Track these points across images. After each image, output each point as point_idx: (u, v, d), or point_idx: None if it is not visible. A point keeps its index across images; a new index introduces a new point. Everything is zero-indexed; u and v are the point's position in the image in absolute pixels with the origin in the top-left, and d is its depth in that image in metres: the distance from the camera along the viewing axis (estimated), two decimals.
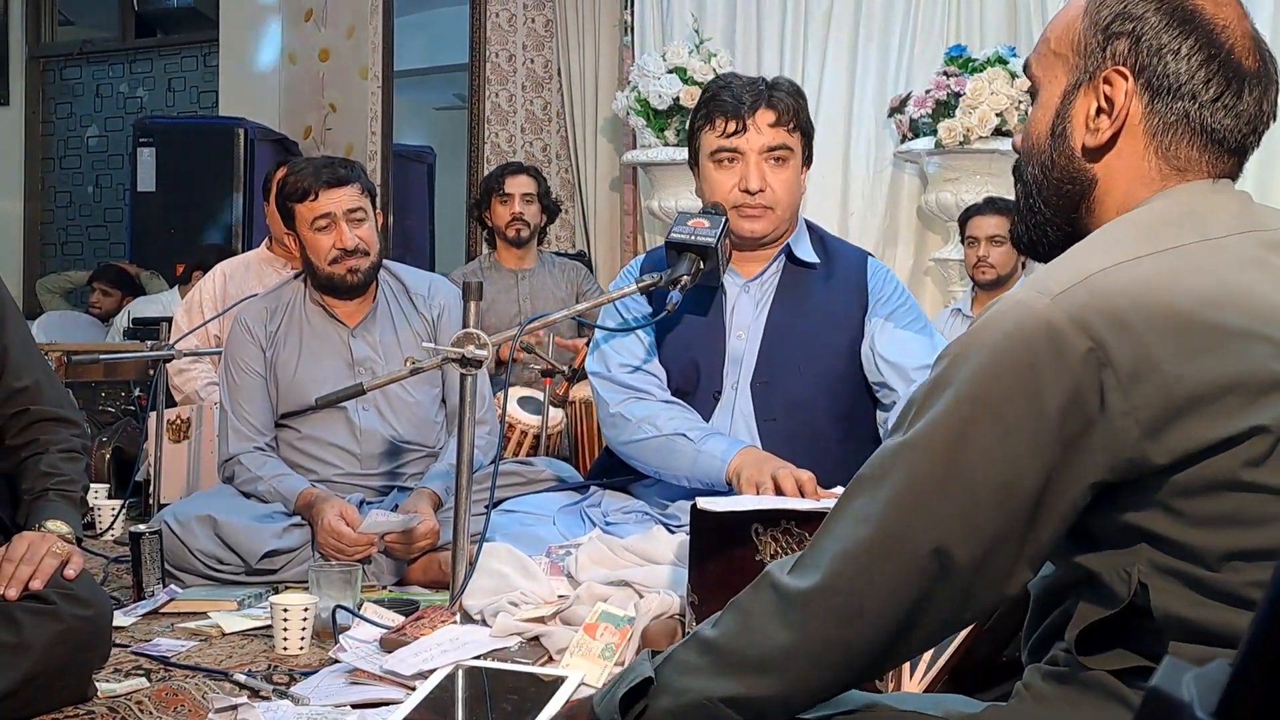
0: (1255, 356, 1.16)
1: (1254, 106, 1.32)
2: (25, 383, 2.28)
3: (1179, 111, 1.31)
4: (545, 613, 2.33)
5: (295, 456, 3.26)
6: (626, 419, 2.87)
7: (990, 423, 1.18)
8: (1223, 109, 1.31)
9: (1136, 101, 1.32)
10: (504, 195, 4.91)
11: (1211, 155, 1.32)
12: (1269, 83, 1.33)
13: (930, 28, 5.61)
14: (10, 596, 1.98)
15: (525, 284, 4.93)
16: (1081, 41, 1.36)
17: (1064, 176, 1.38)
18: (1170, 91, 1.31)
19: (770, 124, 2.83)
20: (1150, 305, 1.17)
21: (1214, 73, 1.30)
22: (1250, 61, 1.31)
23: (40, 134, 8.86)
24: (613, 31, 6.44)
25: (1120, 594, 1.19)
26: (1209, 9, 1.31)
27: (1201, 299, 1.18)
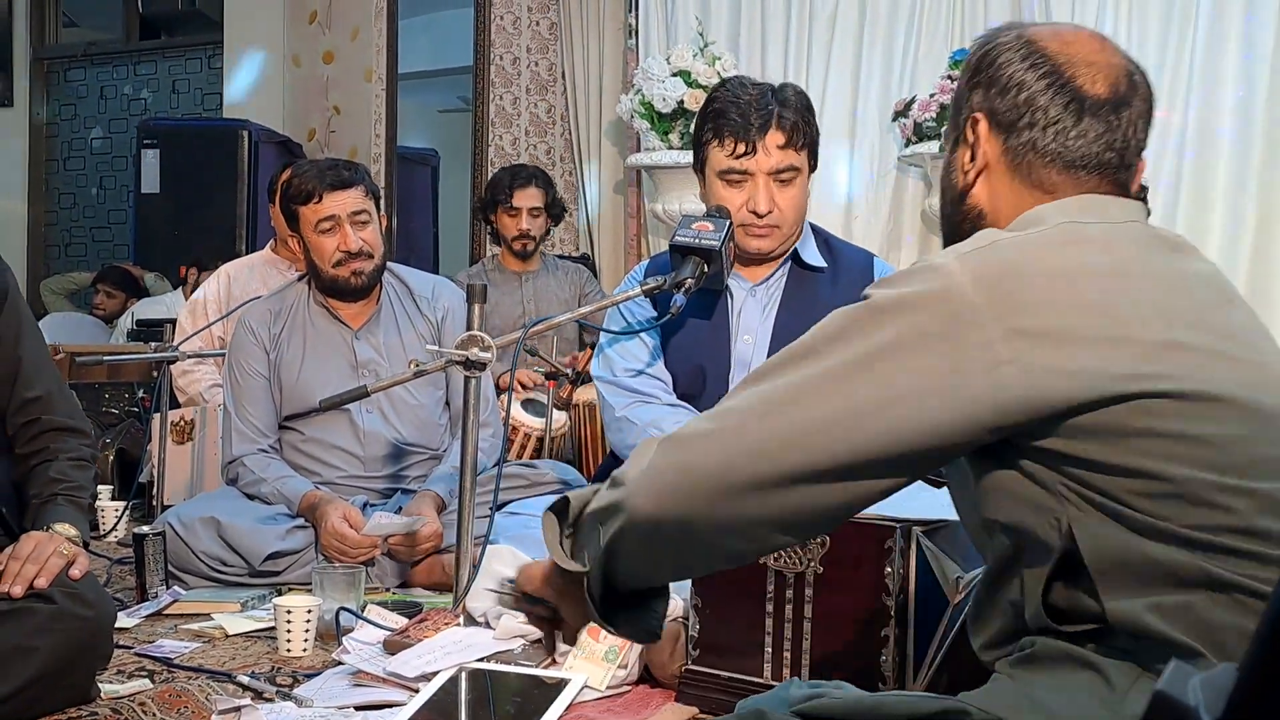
0: (1139, 319, 1.25)
1: (1101, 126, 1.42)
2: (37, 393, 2.29)
3: (1028, 141, 1.44)
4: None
5: (299, 459, 3.26)
6: (632, 423, 2.87)
7: (897, 361, 1.26)
8: (1069, 134, 1.42)
9: (994, 140, 1.46)
10: (511, 209, 4.88)
11: (1073, 176, 1.43)
12: (1123, 105, 1.44)
13: (934, 31, 5.61)
14: (15, 594, 1.98)
15: (529, 286, 4.93)
16: (957, 98, 1.53)
17: (959, 216, 1.52)
18: (1017, 125, 1.44)
19: (779, 145, 2.81)
20: (1042, 262, 1.28)
21: (1053, 103, 1.42)
22: (1098, 89, 1.42)
23: (44, 135, 8.87)
24: (617, 34, 6.44)
25: (1053, 544, 1.25)
26: (1053, 47, 1.44)
27: (1092, 261, 1.29)
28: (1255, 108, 4.96)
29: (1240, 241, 4.95)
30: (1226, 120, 5.00)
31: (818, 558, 1.95)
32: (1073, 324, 1.24)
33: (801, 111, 2.86)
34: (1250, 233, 4.95)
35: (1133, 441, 1.22)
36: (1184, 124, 5.06)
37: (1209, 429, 1.22)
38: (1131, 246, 1.36)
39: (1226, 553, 1.20)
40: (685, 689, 2.08)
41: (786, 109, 2.83)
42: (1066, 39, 1.46)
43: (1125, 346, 1.24)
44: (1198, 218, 5.01)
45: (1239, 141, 4.99)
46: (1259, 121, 4.95)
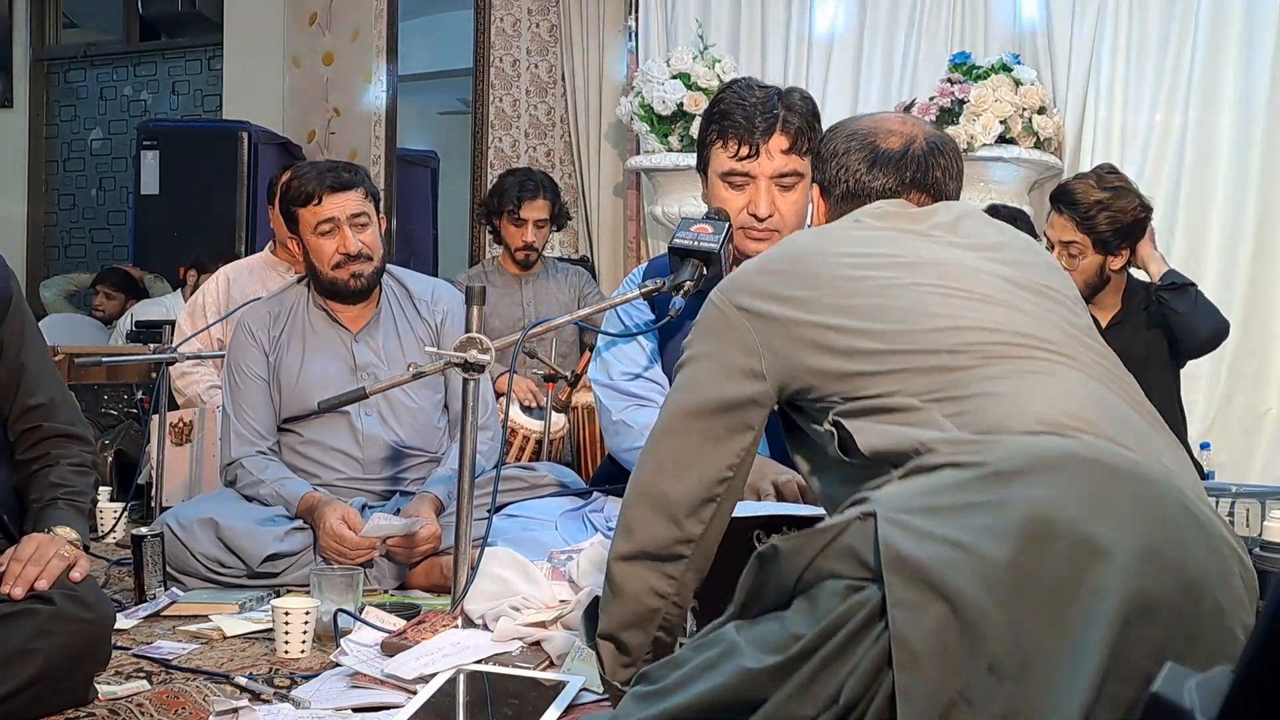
0: (832, 285, 1.69)
1: (891, 169, 1.94)
2: (40, 400, 2.29)
3: (842, 192, 1.97)
4: (547, 617, 2.33)
5: (297, 460, 3.26)
6: (629, 426, 2.86)
7: (698, 369, 1.74)
8: (863, 176, 1.95)
9: (822, 201, 2.03)
10: (518, 219, 4.86)
11: (865, 203, 1.93)
12: (908, 159, 1.94)
13: (934, 34, 5.62)
14: (16, 595, 1.98)
15: (529, 289, 4.93)
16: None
17: None
18: (837, 182, 1.98)
19: (783, 150, 2.79)
20: (759, 266, 1.79)
21: (858, 159, 1.95)
22: (891, 144, 1.95)
23: (44, 136, 8.87)
24: (617, 37, 6.45)
25: (833, 447, 1.62)
26: (865, 125, 2.00)
27: (784, 255, 1.79)
28: (1255, 108, 4.97)
29: (1240, 241, 4.97)
30: (1226, 120, 5.01)
31: None
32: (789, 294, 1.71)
33: (807, 117, 2.83)
34: (1250, 232, 4.97)
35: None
36: (1184, 125, 5.07)
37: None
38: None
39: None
40: None
41: (792, 113, 2.81)
42: (878, 119, 2.03)
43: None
44: (1197, 217, 5.02)
45: (1238, 142, 5.00)
46: (1259, 122, 4.97)
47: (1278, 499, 2.82)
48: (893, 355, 1.59)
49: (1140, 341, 3.56)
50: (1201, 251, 5.00)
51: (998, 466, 1.38)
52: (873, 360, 1.60)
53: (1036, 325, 1.62)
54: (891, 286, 1.67)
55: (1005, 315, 1.62)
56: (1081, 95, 5.25)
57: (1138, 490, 1.36)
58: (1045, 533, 1.29)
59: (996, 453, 1.41)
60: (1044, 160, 5.13)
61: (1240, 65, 5.00)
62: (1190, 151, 5.05)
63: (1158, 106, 5.13)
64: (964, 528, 1.31)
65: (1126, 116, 5.16)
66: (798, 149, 2.81)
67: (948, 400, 1.53)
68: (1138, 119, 5.16)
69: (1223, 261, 4.99)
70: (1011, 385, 1.52)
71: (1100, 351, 1.66)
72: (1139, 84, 5.16)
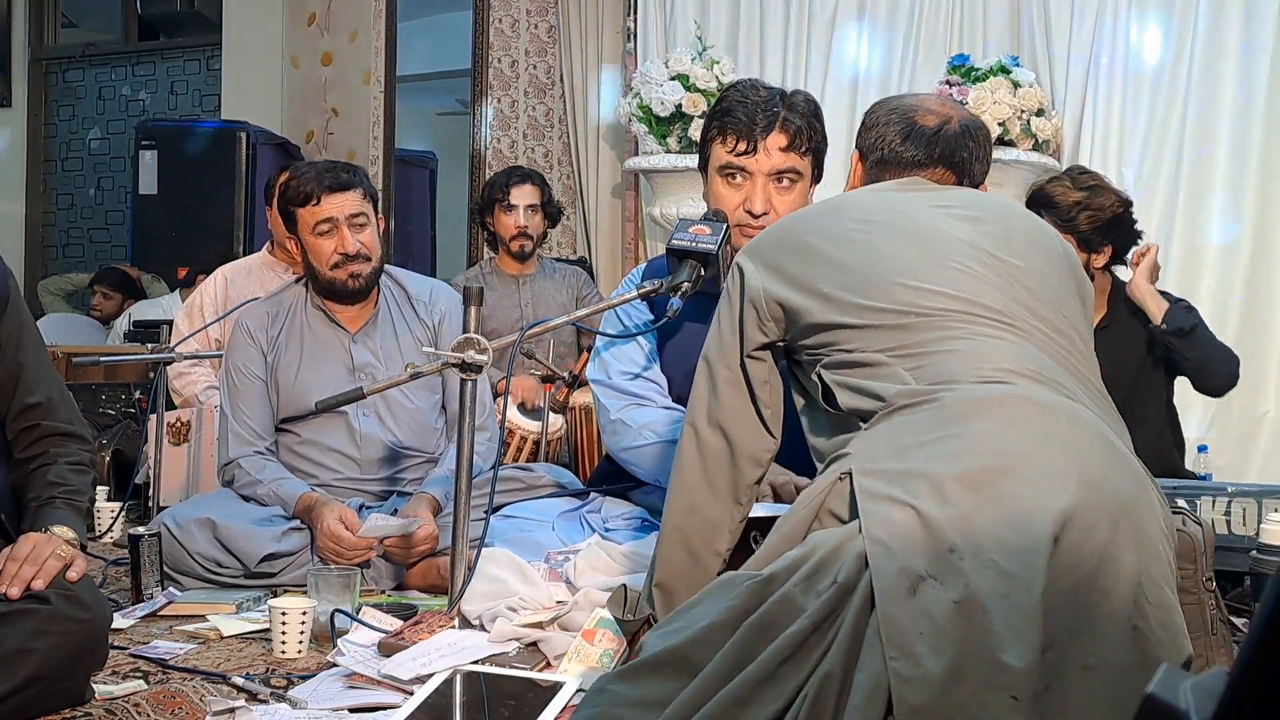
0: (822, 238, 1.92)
1: (923, 142, 2.11)
2: (38, 399, 2.29)
3: (877, 159, 2.16)
4: (543, 618, 2.33)
5: (295, 461, 3.26)
6: (627, 425, 2.87)
7: (714, 324, 2.00)
8: (897, 146, 2.13)
9: (859, 166, 2.21)
10: (508, 205, 4.87)
11: (900, 171, 2.13)
12: (940, 135, 2.11)
13: (933, 37, 5.62)
14: (12, 595, 1.98)
15: (526, 289, 4.93)
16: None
17: None
18: (874, 149, 2.16)
19: (781, 148, 2.80)
20: (772, 233, 2.03)
21: (895, 131, 2.13)
22: (926, 121, 2.12)
23: (42, 136, 8.87)
24: (615, 38, 6.45)
25: (824, 399, 1.84)
26: (909, 102, 2.18)
27: (799, 222, 2.01)
28: (1254, 110, 4.97)
29: (1239, 242, 4.97)
30: (1225, 122, 5.01)
31: None
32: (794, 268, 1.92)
33: (808, 117, 2.84)
34: (1248, 235, 4.97)
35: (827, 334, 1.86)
36: (1183, 124, 5.07)
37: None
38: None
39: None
40: None
41: (793, 113, 2.81)
42: (920, 98, 2.20)
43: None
44: (1196, 216, 5.02)
45: (1237, 141, 5.00)
46: (1258, 122, 4.97)
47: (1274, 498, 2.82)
48: (870, 311, 1.80)
49: (1131, 348, 3.55)
50: (1199, 254, 5.00)
51: (953, 409, 1.60)
52: (854, 313, 1.82)
53: (1001, 301, 1.80)
54: (880, 248, 1.87)
55: (975, 287, 1.81)
56: (1080, 98, 5.25)
57: (1070, 424, 1.60)
58: (997, 458, 1.52)
59: (949, 397, 1.62)
60: (1042, 162, 5.13)
61: (1239, 67, 5.00)
62: (1188, 154, 5.05)
63: (1156, 109, 5.13)
64: (928, 457, 1.54)
65: (1125, 119, 5.17)
66: (796, 148, 2.81)
67: (909, 356, 1.74)
68: (1136, 121, 5.16)
69: (1220, 264, 4.99)
70: (965, 345, 1.73)
71: (1061, 332, 1.83)
72: (1137, 86, 5.17)
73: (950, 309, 1.78)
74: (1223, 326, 4.78)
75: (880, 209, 1.96)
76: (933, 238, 1.88)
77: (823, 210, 2.01)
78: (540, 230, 4.99)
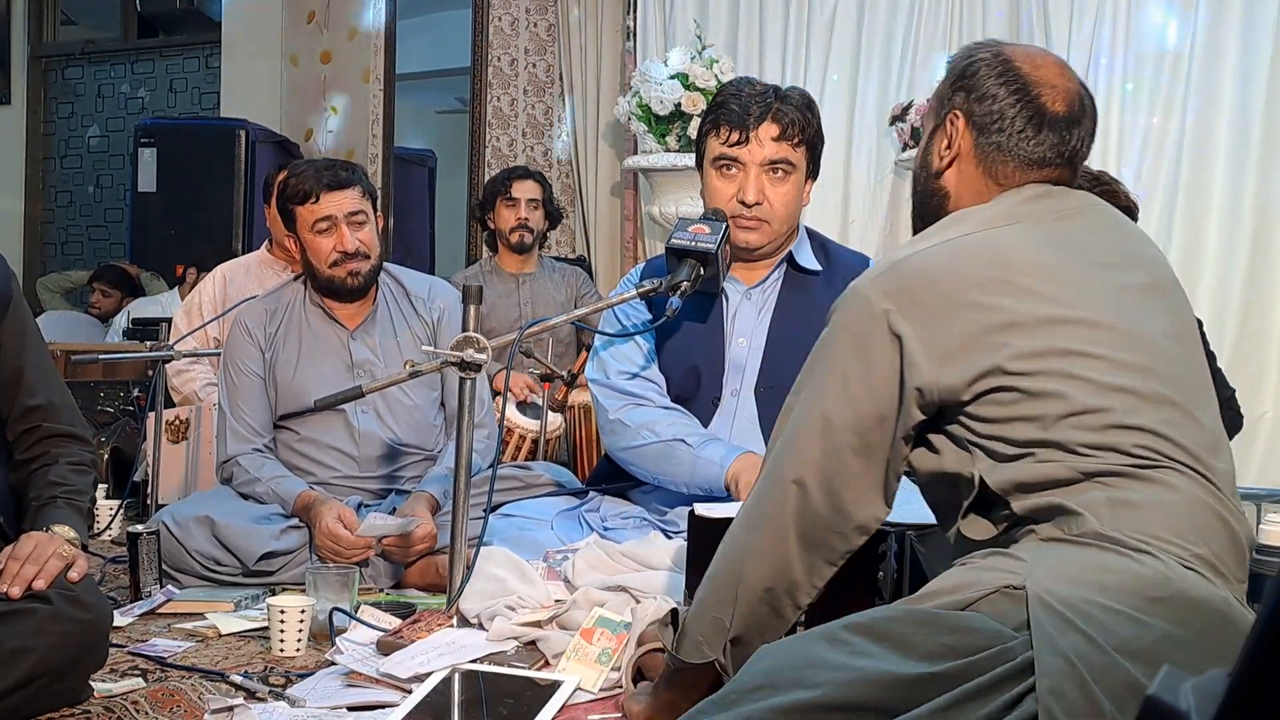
0: (1002, 309, 1.62)
1: (1055, 138, 1.80)
2: (39, 401, 2.29)
3: (995, 143, 1.81)
4: (542, 617, 2.33)
5: (293, 458, 3.26)
6: (625, 425, 2.87)
7: (838, 376, 1.67)
8: (1028, 140, 1.80)
9: (968, 135, 1.83)
10: (510, 199, 4.90)
11: (1024, 172, 1.81)
12: (1073, 123, 1.81)
13: (932, 36, 5.61)
14: (13, 595, 1.98)
15: (526, 288, 4.93)
16: (940, 95, 1.91)
17: (927, 194, 1.91)
18: (990, 128, 1.81)
19: (773, 138, 2.82)
20: (931, 278, 1.66)
21: (1020, 113, 1.80)
22: (1057, 106, 1.80)
23: (41, 133, 8.86)
24: (615, 36, 6.44)
25: (973, 484, 1.63)
26: (1025, 68, 1.82)
27: (966, 273, 1.65)
28: (1253, 111, 4.97)
29: (1237, 245, 4.96)
30: (1224, 124, 5.01)
31: None
32: (954, 322, 1.63)
33: (802, 110, 2.86)
34: (1247, 235, 4.96)
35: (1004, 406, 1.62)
36: (1182, 125, 5.07)
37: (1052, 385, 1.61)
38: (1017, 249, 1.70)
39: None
40: None
41: (786, 104, 2.85)
42: (1038, 63, 1.83)
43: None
44: (1195, 218, 5.01)
45: (1236, 145, 4.99)
46: (1257, 122, 4.96)
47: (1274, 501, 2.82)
48: (1063, 424, 1.58)
49: None
50: (1198, 255, 5.00)
51: (1146, 588, 1.44)
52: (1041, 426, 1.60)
53: (1191, 434, 1.62)
54: (1067, 353, 1.62)
55: (1174, 421, 1.61)
56: None
57: (1225, 625, 1.45)
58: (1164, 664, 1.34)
59: (1147, 570, 1.47)
60: None
61: (1238, 68, 5.00)
62: (1187, 155, 5.05)
63: (1155, 109, 5.12)
64: (1109, 633, 1.36)
65: (1124, 119, 5.16)
66: (789, 138, 2.83)
67: (1106, 487, 1.56)
68: (1135, 121, 5.15)
69: (1219, 265, 4.99)
70: (1167, 498, 1.56)
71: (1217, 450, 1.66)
72: (1137, 86, 5.16)
73: (1140, 445, 1.58)
74: (1221, 328, 4.79)
75: (1055, 276, 1.67)
76: (1134, 340, 1.65)
77: (982, 261, 1.68)
78: (541, 226, 5.00)
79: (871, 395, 1.65)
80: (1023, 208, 1.76)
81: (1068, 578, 1.44)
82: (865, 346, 1.65)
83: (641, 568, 2.42)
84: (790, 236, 2.95)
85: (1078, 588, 1.42)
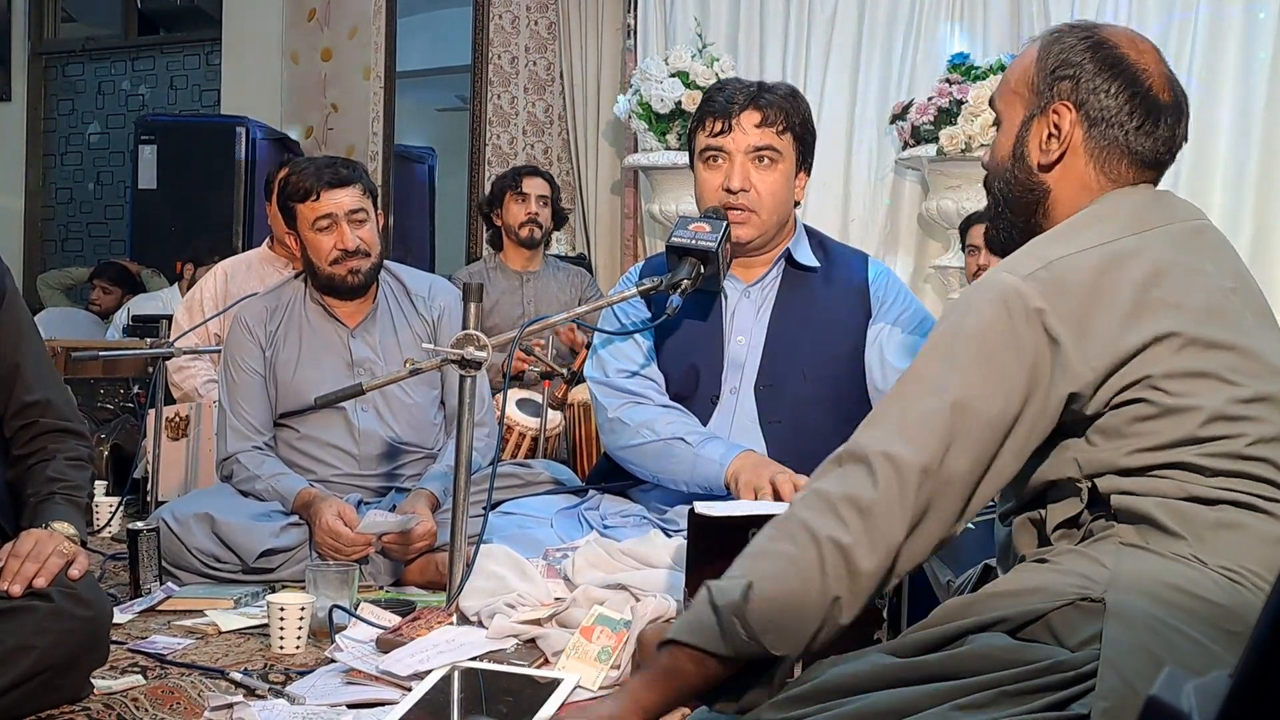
0: (1164, 320, 1.56)
1: (1168, 132, 1.75)
2: (36, 397, 2.29)
3: (1110, 137, 1.72)
4: (542, 615, 2.33)
5: (294, 456, 3.26)
6: (625, 423, 2.86)
7: (984, 366, 1.54)
8: (1144, 134, 1.73)
9: (1079, 128, 1.74)
10: (521, 194, 4.93)
11: (1136, 170, 1.75)
12: (1180, 113, 1.76)
13: (933, 34, 5.62)
14: (14, 593, 1.98)
15: (530, 286, 4.94)
16: (1035, 82, 1.78)
17: (1024, 187, 1.80)
18: (1104, 121, 1.72)
19: (756, 124, 2.83)
20: (1088, 285, 1.57)
21: (1136, 106, 1.72)
22: (1165, 96, 1.74)
23: (42, 130, 8.86)
24: (615, 35, 6.45)
25: (1079, 504, 1.60)
26: (1132, 55, 1.74)
27: (1121, 283, 1.58)
28: (1253, 110, 4.97)
29: (1238, 242, 4.95)
30: (1224, 123, 5.01)
31: None
32: (1112, 330, 1.55)
33: (786, 98, 2.87)
34: (1247, 234, 4.97)
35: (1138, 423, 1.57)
36: None
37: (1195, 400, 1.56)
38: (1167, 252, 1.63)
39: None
40: None
41: (769, 94, 2.87)
42: (1140, 48, 1.76)
43: None
44: None
45: (1236, 145, 4.99)
46: (1257, 121, 4.96)
47: None
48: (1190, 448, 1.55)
49: None
50: None
51: (1225, 619, 1.42)
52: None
53: None
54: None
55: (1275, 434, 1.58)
56: None
57: None
58: None
59: (1230, 600, 1.45)
60: None
61: (1238, 67, 5.00)
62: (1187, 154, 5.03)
63: None
64: (1178, 662, 1.32)
65: None
66: (771, 124, 2.83)
67: (1213, 507, 1.53)
68: None
69: None
70: (1261, 526, 1.53)
71: None
72: None
73: (1276, 483, 1.56)
74: None
75: (1198, 295, 1.62)
76: (1264, 368, 1.62)
77: (1136, 273, 1.60)
78: (549, 223, 5.01)
79: (1010, 392, 1.54)
80: (1150, 214, 1.69)
81: (1152, 595, 1.41)
82: (1015, 342, 1.54)
83: (641, 566, 2.41)
84: (786, 232, 2.94)
85: (1161, 608, 1.39)
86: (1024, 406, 1.54)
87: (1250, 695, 0.64)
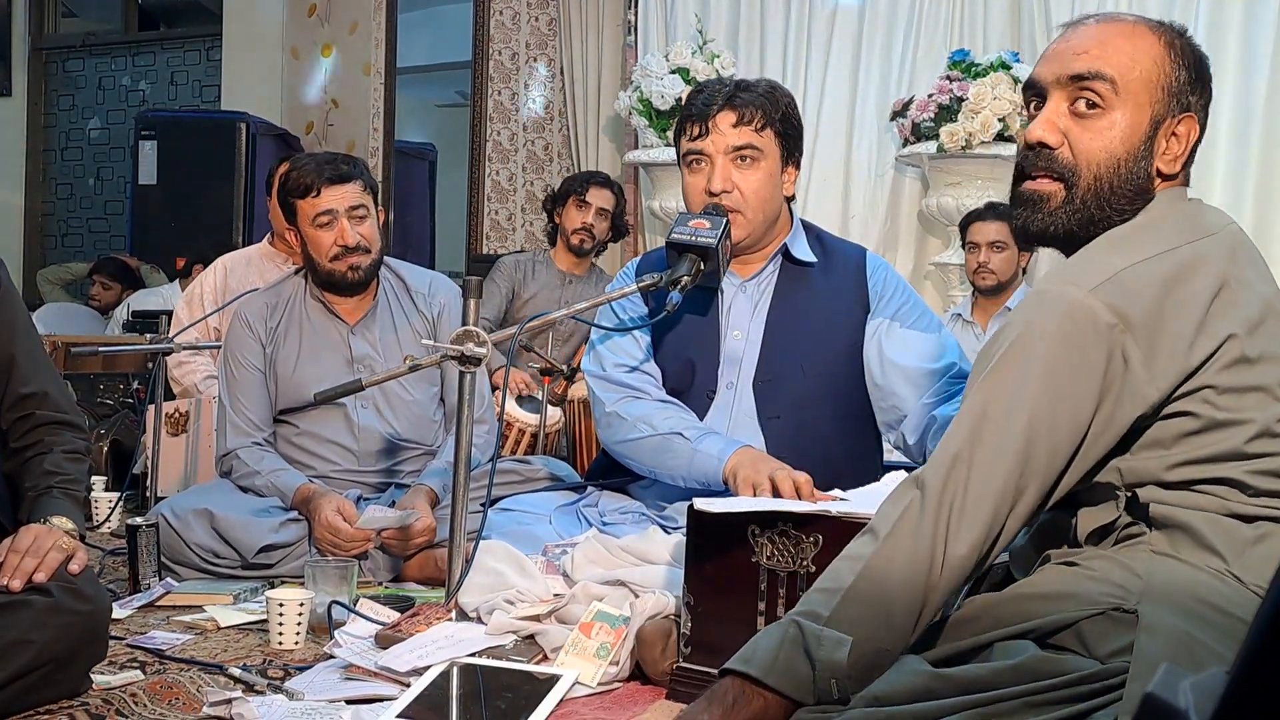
0: (1225, 332, 1.55)
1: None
2: (32, 389, 2.29)
3: (1196, 151, 1.74)
4: (541, 611, 2.33)
5: (293, 452, 3.26)
6: (622, 418, 2.86)
7: (1050, 383, 1.52)
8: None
9: (1192, 141, 1.72)
10: (583, 201, 4.95)
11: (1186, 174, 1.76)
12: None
13: (933, 31, 5.61)
14: (14, 588, 1.98)
15: (571, 289, 4.96)
16: (1171, 84, 1.72)
17: (1136, 190, 1.71)
18: (1201, 137, 1.73)
19: (733, 125, 2.81)
20: (1157, 300, 1.55)
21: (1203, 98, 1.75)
22: None
23: (42, 126, 8.86)
24: (616, 31, 6.44)
25: (1116, 510, 1.60)
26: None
27: (1189, 297, 1.56)
28: (1253, 109, 4.97)
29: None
30: (1224, 123, 5.01)
31: (810, 556, 1.95)
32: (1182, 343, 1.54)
33: (763, 95, 2.84)
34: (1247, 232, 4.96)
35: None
36: None
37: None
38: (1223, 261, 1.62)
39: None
40: (676, 687, 2.07)
41: (746, 93, 2.83)
42: None
43: None
44: None
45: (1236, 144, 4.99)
46: (1257, 123, 4.96)
47: None
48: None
49: None
50: None
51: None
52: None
53: None
54: None
55: None
56: None
57: None
58: None
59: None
60: None
61: (1239, 66, 5.00)
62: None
63: None
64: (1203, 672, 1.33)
65: None
66: (748, 122, 2.81)
67: (1253, 524, 1.54)
68: None
69: None
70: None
71: None
72: None
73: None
74: None
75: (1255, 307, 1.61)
76: None
77: (1200, 286, 1.58)
78: (604, 236, 5.04)
79: (1077, 410, 1.53)
80: (1198, 222, 1.68)
81: (1185, 610, 1.42)
82: (1084, 359, 1.52)
83: (640, 562, 2.41)
84: (780, 228, 2.93)
85: (1194, 625, 1.40)
86: (1089, 428, 1.54)
87: (1247, 692, 0.64)
